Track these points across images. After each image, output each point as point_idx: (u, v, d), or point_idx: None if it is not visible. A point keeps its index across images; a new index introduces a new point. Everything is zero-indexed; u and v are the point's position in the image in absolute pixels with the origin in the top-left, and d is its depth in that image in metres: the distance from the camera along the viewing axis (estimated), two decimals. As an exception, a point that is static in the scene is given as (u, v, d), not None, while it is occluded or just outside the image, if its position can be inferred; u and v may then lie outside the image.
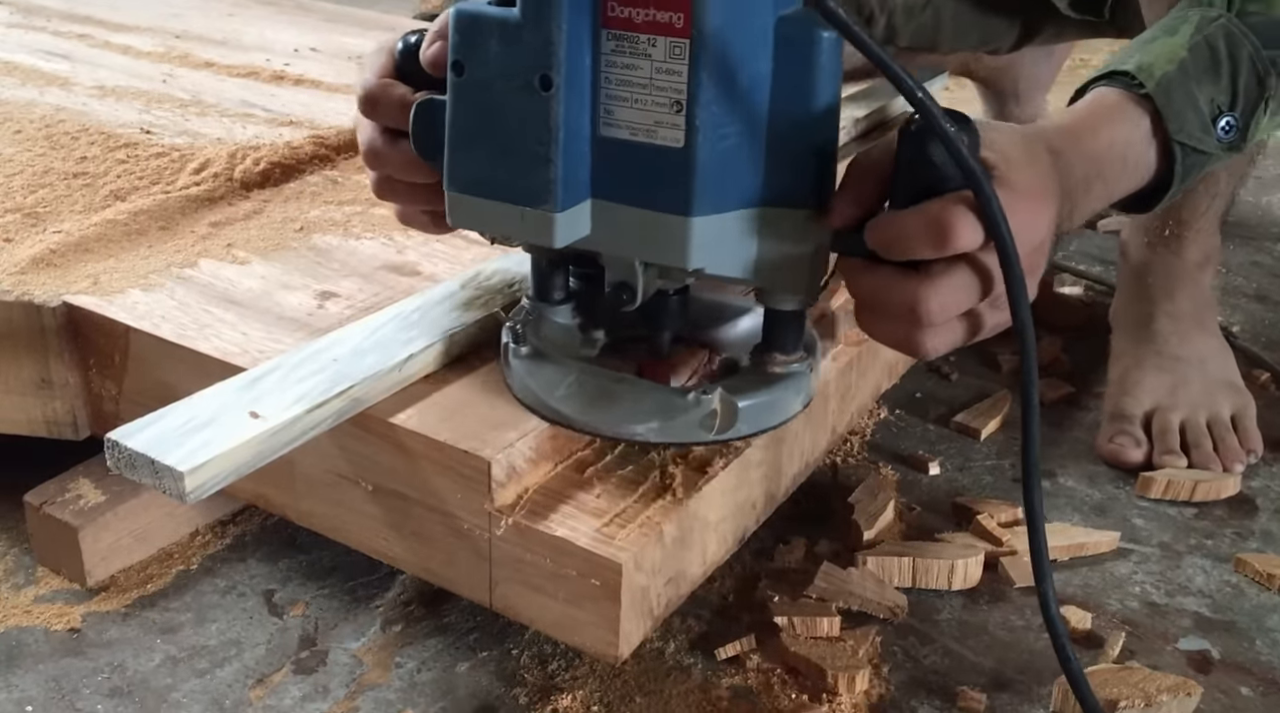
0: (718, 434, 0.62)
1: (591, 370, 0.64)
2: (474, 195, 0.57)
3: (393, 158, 0.64)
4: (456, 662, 0.71)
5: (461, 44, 0.55)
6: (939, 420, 0.97)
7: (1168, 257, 0.99)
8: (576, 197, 0.56)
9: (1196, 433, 0.92)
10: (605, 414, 0.62)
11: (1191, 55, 0.68)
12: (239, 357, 0.70)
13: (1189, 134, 0.67)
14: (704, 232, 0.56)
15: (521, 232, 0.57)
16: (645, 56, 0.54)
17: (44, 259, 0.81)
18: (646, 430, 0.61)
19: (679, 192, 0.55)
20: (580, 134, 0.55)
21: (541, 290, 0.66)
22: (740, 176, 0.56)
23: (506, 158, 0.55)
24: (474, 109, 0.56)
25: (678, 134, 0.54)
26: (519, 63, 0.54)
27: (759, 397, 0.62)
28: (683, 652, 0.72)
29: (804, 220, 0.57)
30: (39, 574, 0.77)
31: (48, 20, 1.47)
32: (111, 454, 0.57)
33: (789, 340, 0.64)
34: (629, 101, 0.55)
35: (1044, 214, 0.57)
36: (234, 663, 0.71)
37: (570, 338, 0.66)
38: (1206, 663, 0.73)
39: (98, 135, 1.03)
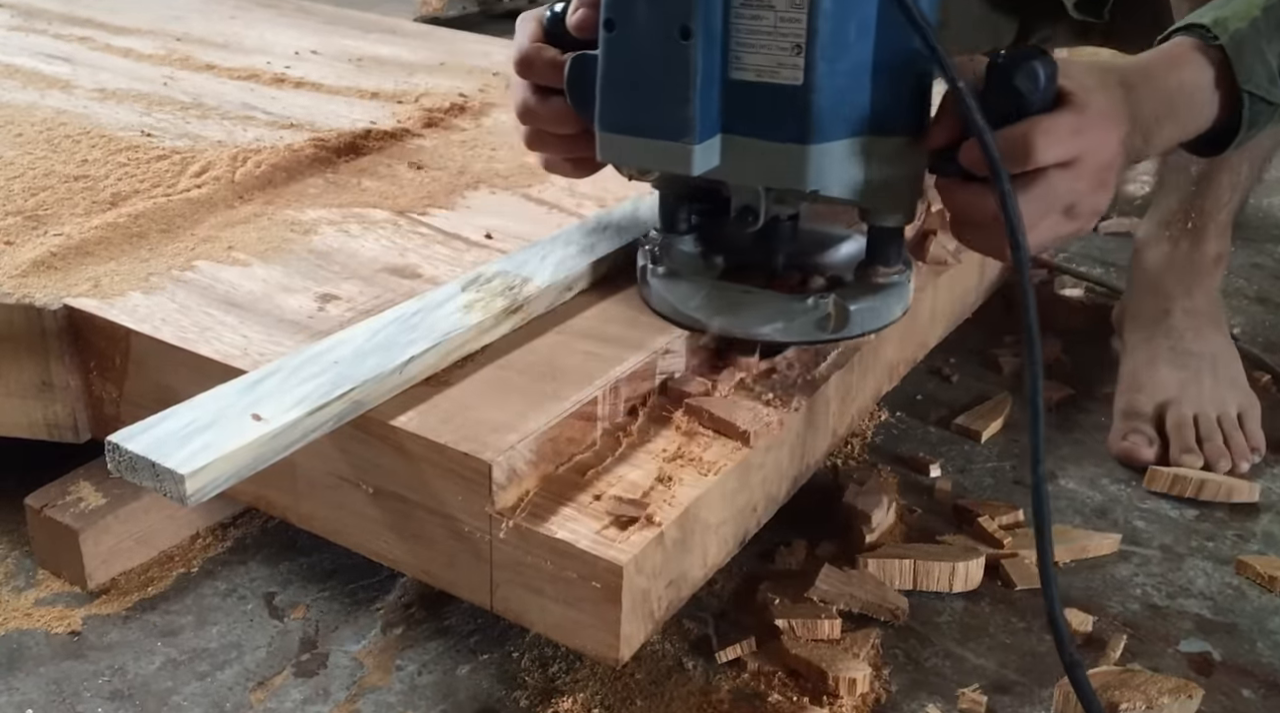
0: (834, 333, 0.72)
1: (720, 285, 0.74)
2: (623, 133, 0.66)
3: (544, 113, 0.72)
4: (457, 664, 0.71)
5: (612, 3, 0.64)
6: (940, 423, 0.97)
7: (1189, 251, 1.00)
8: (710, 131, 0.65)
9: (1208, 427, 0.93)
10: (736, 318, 0.72)
11: (1264, 15, 0.73)
12: (240, 359, 0.70)
13: (1257, 84, 0.72)
14: (820, 158, 0.64)
15: (663, 162, 0.66)
16: (769, 7, 0.63)
17: (45, 262, 0.81)
18: (772, 330, 0.71)
19: (799, 123, 0.64)
20: (713, 77, 0.64)
21: (669, 222, 0.77)
22: (850, 108, 0.65)
23: (652, 100, 0.64)
24: (624, 60, 0.65)
25: (797, 74, 0.63)
26: (662, 17, 0.63)
27: (867, 302, 0.72)
28: (683, 654, 0.72)
29: (905, 146, 0.66)
30: (40, 577, 0.77)
31: (49, 23, 1.47)
32: (112, 457, 0.57)
33: (891, 254, 0.73)
34: (755, 47, 0.64)
35: (1114, 134, 0.65)
36: (235, 666, 0.70)
37: (695, 263, 0.76)
38: (1208, 665, 0.73)
39: (99, 138, 1.03)
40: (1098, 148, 0.64)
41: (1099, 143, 0.64)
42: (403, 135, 1.11)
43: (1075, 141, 0.63)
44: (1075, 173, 0.63)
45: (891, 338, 0.84)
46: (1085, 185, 0.64)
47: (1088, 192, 0.65)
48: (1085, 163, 0.64)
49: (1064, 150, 0.63)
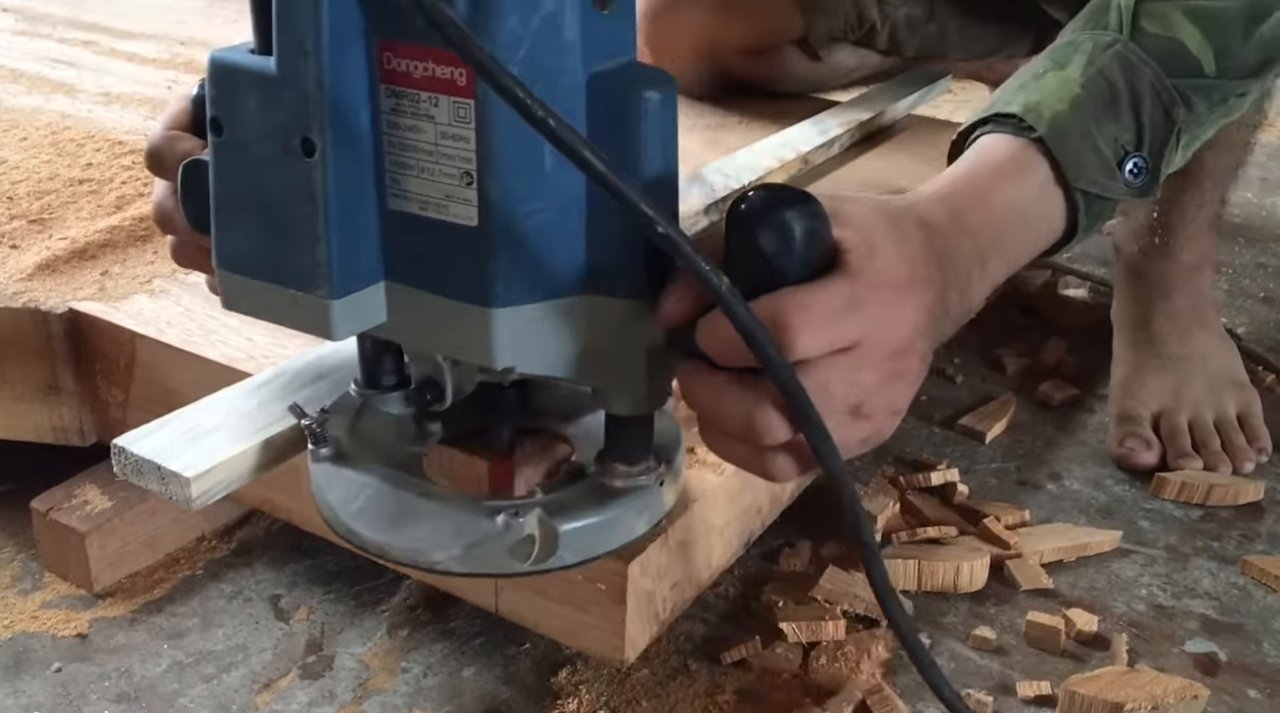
0: (534, 565, 0.52)
1: (395, 479, 0.55)
2: (245, 275, 0.49)
3: (181, 222, 0.55)
4: (463, 666, 0.71)
5: (219, 99, 0.47)
6: (944, 423, 0.97)
7: (1161, 261, 0.99)
8: (361, 280, 0.48)
9: (1204, 433, 0.92)
10: (401, 535, 0.53)
11: (1086, 91, 0.60)
12: (245, 362, 0.70)
13: (1090, 180, 0.60)
14: (511, 324, 0.47)
15: (297, 321, 0.48)
16: (428, 118, 0.45)
17: (50, 265, 0.81)
18: (447, 559, 0.53)
19: (477, 277, 0.47)
20: (360, 206, 0.47)
21: (370, 376, 0.57)
22: (553, 261, 0.47)
23: (274, 233, 0.47)
24: (237, 174, 0.47)
25: (470, 211, 0.46)
26: (278, 123, 0.45)
27: (590, 517, 0.53)
28: (688, 656, 0.72)
29: (634, 312, 0.48)
30: (46, 580, 0.77)
31: (53, 28, 1.47)
32: (118, 460, 0.57)
33: (633, 450, 0.54)
34: (415, 169, 0.46)
35: (907, 306, 0.49)
36: (240, 668, 0.71)
37: (402, 431, 0.57)
38: (1214, 665, 0.73)
39: (103, 142, 1.04)
40: (883, 326, 0.48)
41: (885, 319, 0.48)
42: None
43: (850, 321, 0.47)
44: (855, 361, 0.47)
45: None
46: (872, 378, 0.48)
47: (877, 385, 0.48)
48: (868, 348, 0.48)
49: (834, 335, 0.46)
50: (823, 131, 1.07)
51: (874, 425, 0.50)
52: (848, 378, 0.48)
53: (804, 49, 1.18)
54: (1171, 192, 0.96)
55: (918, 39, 1.16)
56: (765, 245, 0.46)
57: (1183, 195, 0.96)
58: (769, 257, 0.46)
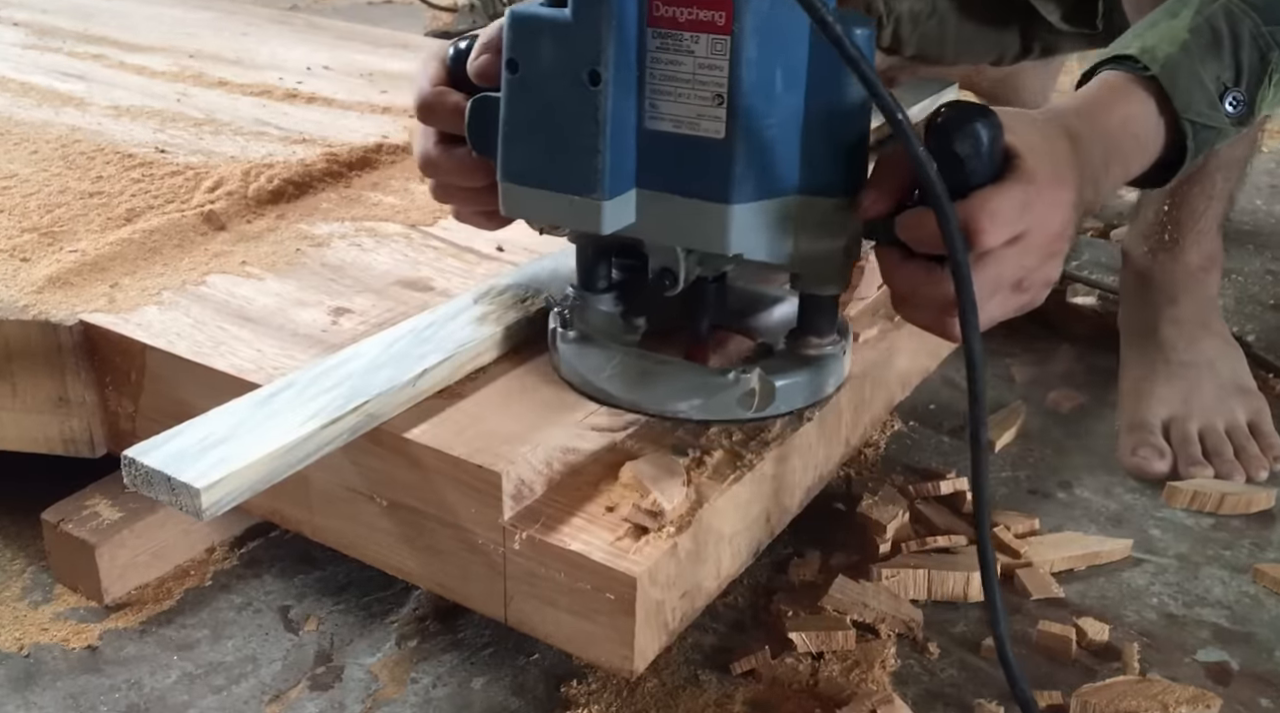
0: (756, 412, 0.65)
1: (635, 353, 0.67)
2: (527, 185, 0.60)
3: (448, 163, 0.67)
4: (472, 677, 0.71)
5: (516, 43, 0.58)
6: (953, 432, 0.97)
7: (1168, 262, 0.99)
8: (623, 186, 0.59)
9: (1216, 441, 0.92)
10: (649, 393, 0.65)
11: (1193, 36, 0.69)
12: (254, 373, 0.71)
13: (1197, 111, 0.69)
14: (743, 218, 0.58)
15: (570, 218, 0.60)
16: (689, 53, 0.57)
17: (60, 278, 0.82)
18: (689, 408, 0.65)
19: (719, 180, 0.58)
20: (626, 126, 0.58)
21: (587, 279, 0.69)
22: (778, 166, 0.58)
23: (558, 149, 0.58)
24: (528, 104, 0.58)
25: (719, 126, 0.57)
26: (570, 60, 0.56)
27: (795, 377, 0.66)
28: (698, 666, 0.72)
29: (838, 209, 0.60)
30: (56, 592, 0.77)
31: (63, 41, 1.48)
32: (128, 471, 0.58)
33: (823, 324, 0.67)
34: (673, 95, 0.58)
35: (1063, 200, 0.60)
36: (250, 679, 0.71)
37: (614, 325, 0.69)
38: (1225, 674, 0.72)
39: (113, 155, 1.04)
40: (1047, 219, 0.59)
41: (1048, 213, 0.59)
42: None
43: (1024, 218, 0.58)
44: (1023, 248, 0.59)
45: (904, 348, 0.84)
46: (1034, 259, 0.60)
47: (1037, 264, 0.60)
48: (1034, 236, 0.59)
49: (1012, 229, 0.57)
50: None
51: (1032, 296, 0.61)
52: (1017, 262, 0.59)
53: None
54: (1182, 184, 0.97)
55: (917, 35, 1.16)
56: (961, 149, 0.56)
57: (1193, 188, 0.97)
58: (964, 159, 0.56)
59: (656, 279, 0.63)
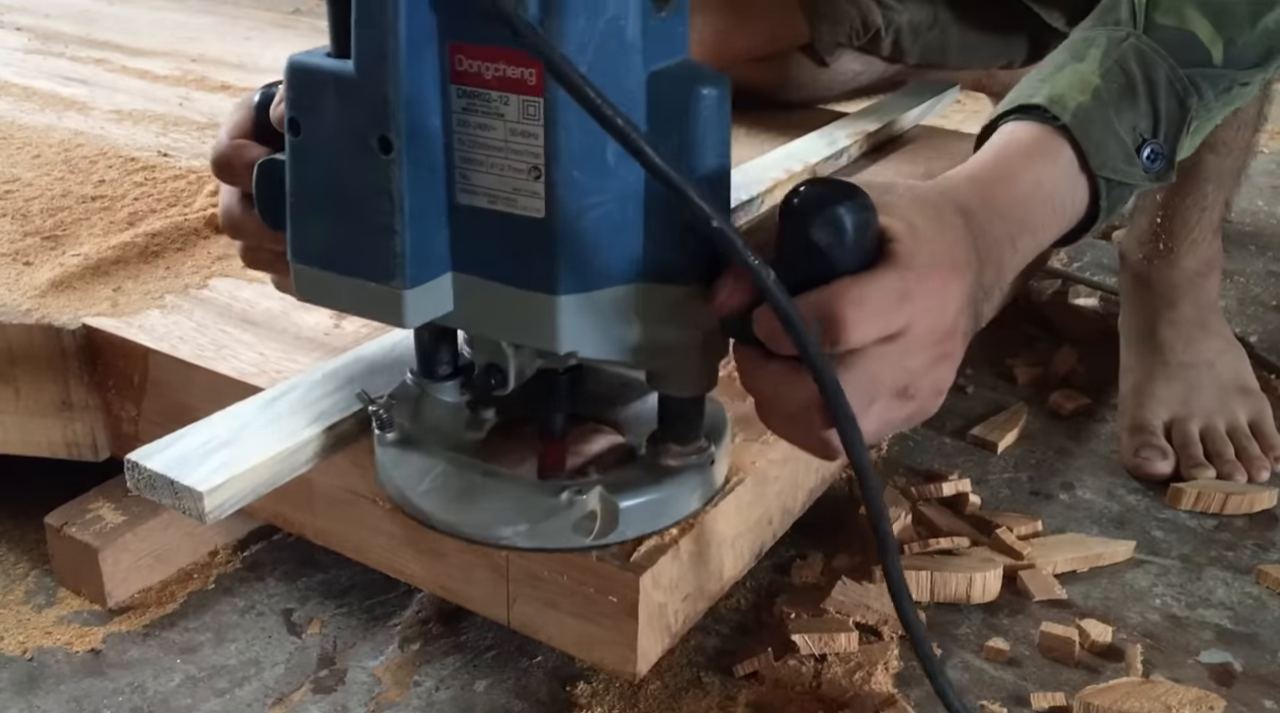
0: (596, 539, 0.56)
1: (460, 461, 0.58)
2: (319, 268, 0.52)
3: (250, 226, 0.58)
4: (475, 680, 0.71)
5: (297, 100, 0.50)
6: (955, 434, 0.97)
7: (1165, 268, 0.99)
8: (431, 271, 0.51)
9: (1218, 442, 0.92)
10: (468, 514, 0.57)
11: (1105, 82, 0.63)
12: (257, 377, 0.71)
13: (1113, 168, 0.63)
14: (574, 311, 0.50)
15: (369, 309, 0.51)
16: (498, 116, 0.48)
17: (63, 282, 0.82)
18: (514, 534, 0.56)
19: (543, 267, 0.49)
20: (432, 201, 0.50)
21: (426, 365, 0.60)
22: (614, 250, 0.50)
23: (350, 227, 0.50)
24: (314, 172, 0.50)
25: (538, 203, 0.49)
26: (356, 122, 0.48)
27: (647, 494, 0.56)
28: (701, 668, 0.72)
29: (690, 299, 0.51)
30: (60, 595, 0.77)
31: (65, 46, 1.49)
32: (131, 475, 0.58)
33: (685, 430, 0.58)
34: (485, 165, 0.49)
35: (952, 291, 0.52)
36: (253, 683, 0.71)
37: (457, 418, 0.60)
38: (1229, 676, 0.72)
39: (115, 159, 1.04)
40: (931, 313, 0.50)
41: (932, 306, 0.50)
42: (416, 152, 1.11)
43: (900, 310, 0.49)
44: (904, 347, 0.50)
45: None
46: (919, 361, 0.51)
47: (924, 368, 0.51)
48: (916, 333, 0.50)
49: (885, 324, 0.49)
50: (830, 143, 1.07)
51: (919, 404, 0.53)
52: (897, 364, 0.50)
53: (810, 55, 1.18)
54: (1173, 196, 0.97)
55: (919, 45, 1.16)
56: (819, 238, 0.48)
57: (1185, 199, 0.96)
58: (823, 249, 0.48)
59: (483, 376, 0.56)
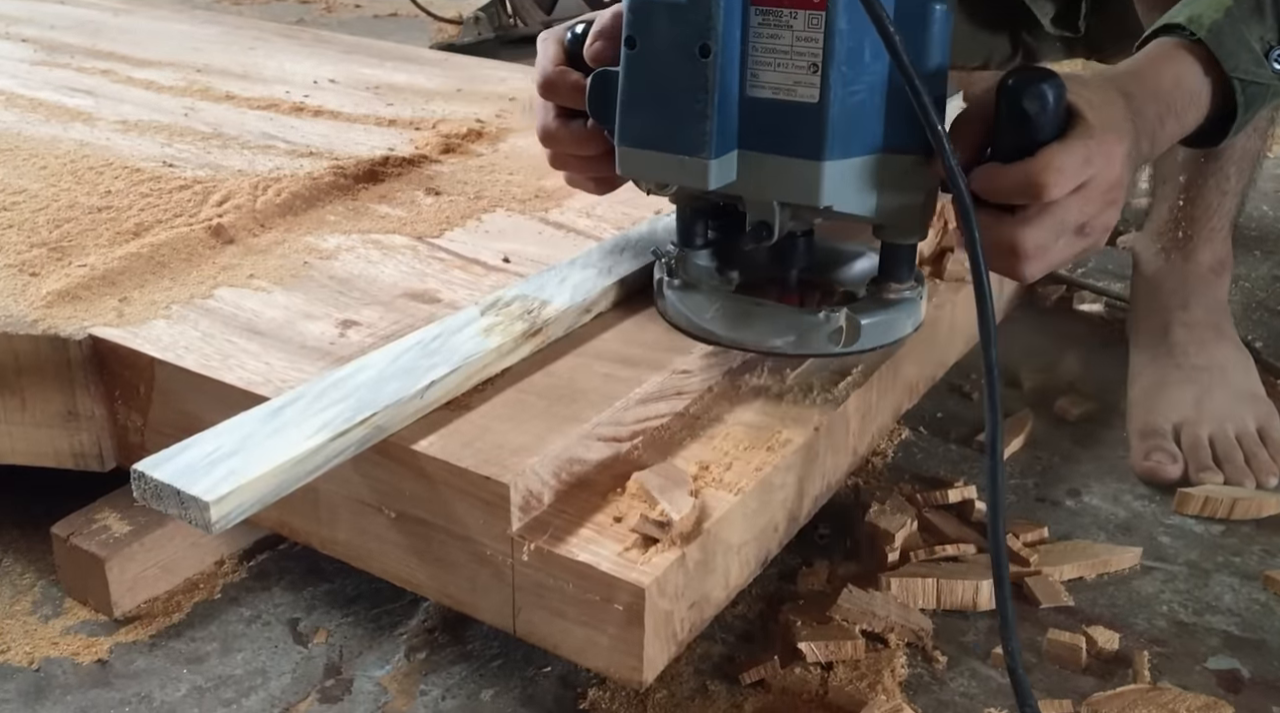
0: (844, 347, 0.72)
1: (734, 297, 0.74)
2: (642, 148, 0.67)
3: (566, 135, 0.75)
4: (481, 688, 0.71)
5: (635, 22, 0.66)
6: (961, 440, 0.97)
7: (1180, 263, 1.00)
8: (727, 147, 0.66)
9: (1227, 447, 0.92)
10: (748, 331, 0.72)
11: (1236, 4, 0.74)
12: (262, 386, 0.71)
13: (1245, 70, 0.74)
14: (834, 174, 0.65)
15: (680, 176, 0.67)
16: (788, 27, 0.64)
17: (69, 292, 0.82)
18: (784, 344, 0.72)
19: (813, 140, 0.64)
20: (731, 94, 0.65)
21: (686, 237, 0.77)
22: (865, 127, 0.65)
23: (670, 115, 0.65)
24: (644, 76, 0.66)
25: (813, 92, 0.64)
26: (684, 36, 0.64)
27: (878, 316, 0.72)
28: (707, 676, 0.71)
29: (918, 165, 0.66)
30: (67, 605, 0.78)
31: (71, 57, 1.49)
32: (138, 485, 0.58)
33: (903, 270, 0.73)
34: (773, 65, 0.65)
35: (1120, 151, 0.66)
36: (260, 692, 0.71)
37: (711, 277, 0.77)
38: (1237, 682, 0.72)
39: (121, 169, 1.05)
40: (1107, 169, 0.65)
41: (1108, 164, 0.65)
42: (421, 161, 1.12)
43: (1085, 170, 0.64)
44: (1085, 196, 0.65)
45: (911, 356, 0.84)
46: (1096, 206, 0.66)
47: (1098, 211, 0.66)
48: (1095, 185, 0.65)
49: (1075, 182, 0.63)
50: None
51: (1092, 240, 0.67)
52: (1079, 208, 0.65)
53: None
54: (1196, 177, 0.99)
55: None
56: (1029, 108, 0.62)
57: (1208, 180, 0.99)
58: (1032, 116, 0.63)
59: (753, 232, 0.69)
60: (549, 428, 0.67)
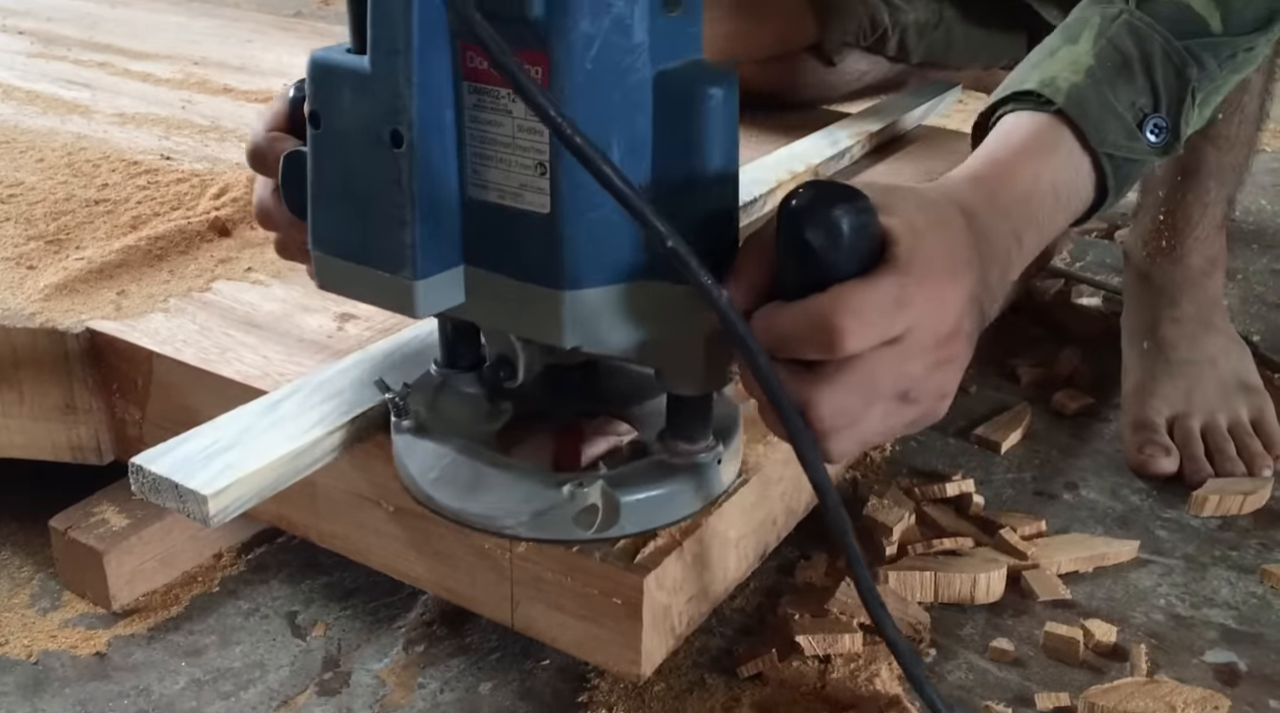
0: (596, 533, 0.57)
1: (471, 450, 0.59)
2: (337, 257, 0.53)
3: (281, 217, 0.60)
4: (479, 682, 0.71)
5: (318, 94, 0.52)
6: (959, 434, 0.97)
7: (1168, 266, 0.99)
8: (442, 262, 0.52)
9: (1219, 438, 0.92)
10: (473, 503, 0.59)
11: (1098, 61, 0.63)
12: (260, 380, 0.71)
13: (1114, 144, 0.63)
14: (579, 306, 0.51)
15: (384, 299, 0.52)
16: (506, 113, 0.49)
17: (67, 285, 0.82)
18: (516, 524, 0.58)
19: (548, 261, 0.50)
20: (444, 194, 0.51)
21: (448, 356, 0.62)
22: (617, 247, 0.51)
23: (365, 218, 0.51)
24: (333, 164, 0.52)
25: (543, 199, 0.50)
26: (370, 116, 0.49)
27: (650, 490, 0.57)
28: (705, 669, 0.72)
29: (692, 298, 0.50)
30: (65, 599, 0.78)
31: (68, 49, 1.49)
32: (136, 479, 0.58)
33: (693, 427, 0.58)
34: (494, 161, 0.50)
35: (952, 294, 0.51)
36: (258, 685, 0.71)
37: (477, 409, 0.62)
38: (1234, 676, 0.72)
39: (118, 162, 1.04)
40: (931, 317, 0.50)
41: (933, 311, 0.50)
42: (419, 155, 1.11)
43: (899, 316, 0.49)
44: (902, 352, 0.50)
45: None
46: (920, 366, 0.51)
47: (924, 373, 0.51)
48: (916, 338, 0.50)
49: (883, 330, 0.49)
50: (833, 143, 1.07)
51: (922, 409, 0.53)
52: (896, 368, 0.50)
53: (817, 55, 1.19)
54: (1175, 192, 0.97)
55: (924, 44, 1.17)
56: (814, 241, 0.48)
57: (1187, 196, 0.96)
58: (819, 252, 0.48)
59: (493, 370, 0.58)
60: (547, 422, 0.67)
